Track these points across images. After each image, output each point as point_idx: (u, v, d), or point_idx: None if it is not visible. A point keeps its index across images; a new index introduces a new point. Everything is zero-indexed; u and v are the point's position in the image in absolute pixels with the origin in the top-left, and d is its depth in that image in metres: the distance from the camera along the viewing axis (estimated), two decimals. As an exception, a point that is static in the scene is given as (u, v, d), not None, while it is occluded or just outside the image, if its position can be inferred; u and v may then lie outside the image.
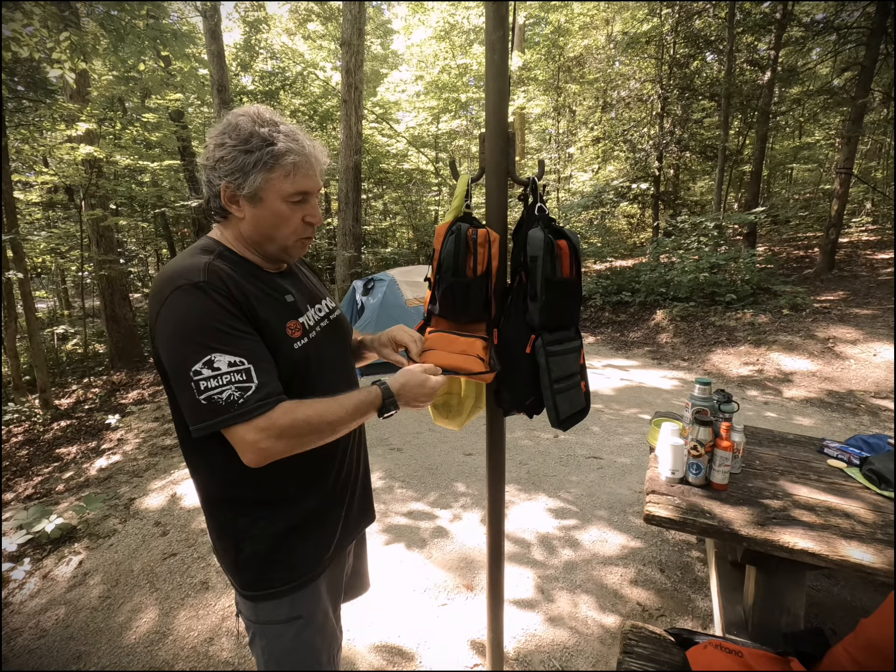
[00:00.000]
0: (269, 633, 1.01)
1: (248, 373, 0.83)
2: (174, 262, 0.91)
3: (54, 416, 5.08)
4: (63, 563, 2.56)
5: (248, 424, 0.82)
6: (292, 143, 0.90)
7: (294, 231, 0.96)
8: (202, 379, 0.81)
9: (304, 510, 1.01)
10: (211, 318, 0.83)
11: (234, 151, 0.89)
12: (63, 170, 7.01)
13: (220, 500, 0.98)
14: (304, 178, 0.93)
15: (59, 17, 4.85)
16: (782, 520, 1.48)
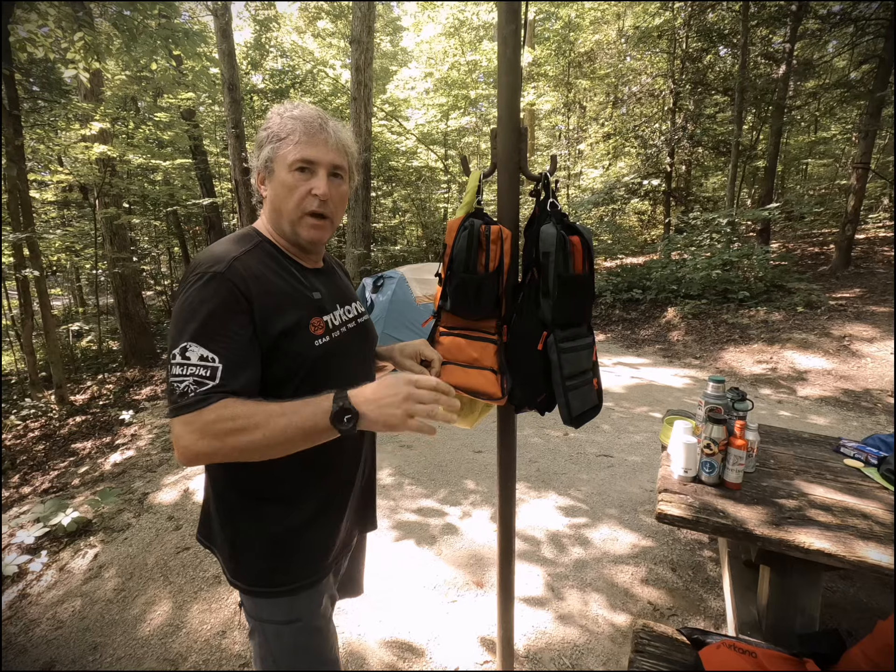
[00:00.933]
0: (268, 632, 1.00)
1: (214, 371, 0.80)
2: (213, 247, 0.93)
3: (70, 411, 5.17)
4: (79, 556, 2.61)
5: (181, 418, 0.78)
6: (298, 111, 0.94)
7: (299, 204, 0.93)
8: (174, 363, 0.80)
9: (305, 513, 0.99)
10: (205, 309, 0.82)
11: (262, 131, 0.97)
12: (77, 169, 7.10)
13: (228, 489, 0.98)
14: (308, 146, 0.92)
15: (73, 18, 4.91)
16: (798, 520, 1.46)
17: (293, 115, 0.94)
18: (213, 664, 1.87)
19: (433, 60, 13.39)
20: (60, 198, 9.79)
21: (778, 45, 9.43)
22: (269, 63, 12.87)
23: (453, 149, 14.63)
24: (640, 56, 11.59)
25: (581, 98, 13.72)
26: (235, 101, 8.92)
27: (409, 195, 13.96)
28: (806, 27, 8.54)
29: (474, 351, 1.21)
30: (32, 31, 4.81)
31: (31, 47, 4.96)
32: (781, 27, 8.75)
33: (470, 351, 1.21)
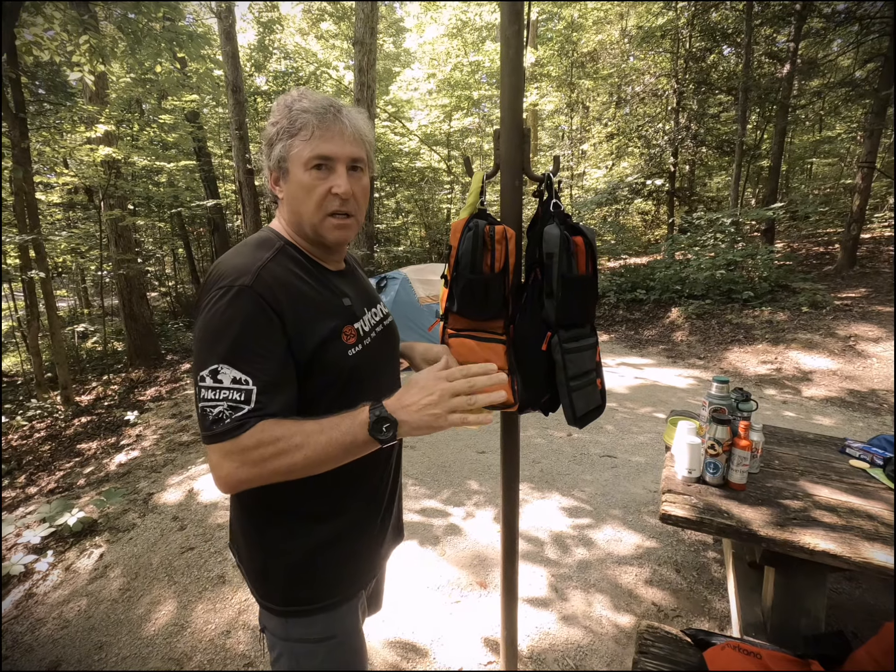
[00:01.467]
0: (299, 652, 0.94)
1: (249, 395, 0.75)
2: (233, 256, 0.85)
3: (75, 412, 5.20)
4: (84, 556, 2.62)
5: (217, 446, 0.74)
6: (314, 108, 0.84)
7: (318, 204, 0.86)
8: (204, 387, 0.76)
9: (342, 527, 0.95)
10: (236, 327, 0.77)
11: (269, 126, 0.88)
12: (83, 171, 7.16)
13: (256, 504, 0.92)
14: (324, 140, 0.84)
15: (78, 21, 4.94)
16: (802, 520, 1.45)
17: (303, 106, 0.84)
18: (217, 664, 1.88)
19: (436, 61, 13.40)
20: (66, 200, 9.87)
21: (782, 44, 9.40)
22: (272, 65, 12.91)
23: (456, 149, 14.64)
24: (643, 56, 11.56)
25: (584, 98, 13.71)
26: (239, 102, 8.96)
27: (412, 196, 13.99)
28: (810, 26, 8.50)
29: (485, 353, 1.21)
30: (38, 35, 4.84)
31: (37, 50, 5.00)
32: (786, 26, 8.71)
33: (480, 352, 1.21)
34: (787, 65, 8.43)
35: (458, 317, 1.25)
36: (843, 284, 7.28)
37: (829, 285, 7.10)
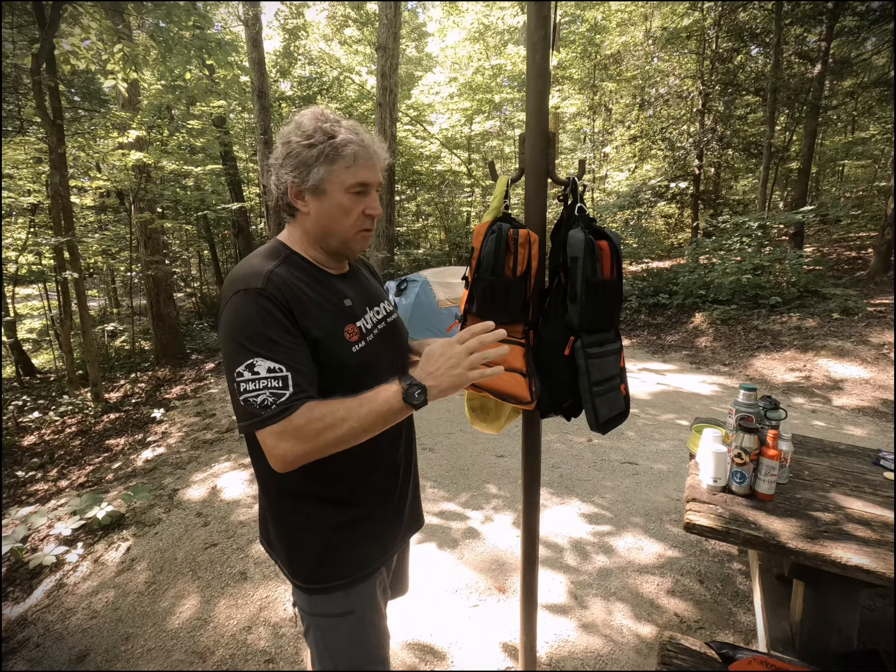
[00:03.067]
0: (322, 626, 1.04)
1: (286, 380, 0.84)
2: (242, 266, 0.94)
3: (104, 408, 5.35)
4: (112, 549, 2.70)
5: (270, 429, 0.83)
6: (352, 135, 0.94)
7: (354, 224, 0.97)
8: (243, 381, 0.84)
9: (359, 509, 1.03)
10: (259, 324, 0.86)
11: (299, 147, 0.93)
12: (115, 175, 7.37)
13: (279, 493, 1.01)
14: (364, 169, 0.95)
15: (113, 31, 5.12)
16: (834, 534, 1.41)
17: (347, 137, 0.93)
18: (238, 659, 1.91)
19: (458, 65, 13.46)
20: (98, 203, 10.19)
21: (813, 43, 9.15)
22: (297, 70, 13.14)
23: (477, 152, 14.65)
24: (667, 57, 11.40)
25: (607, 101, 13.57)
26: (265, 108, 9.14)
27: (432, 199, 14.04)
28: (843, 24, 8.26)
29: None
30: (76, 45, 5.03)
31: (74, 60, 5.19)
32: (817, 25, 8.49)
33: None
34: (818, 64, 8.20)
35: (476, 318, 1.25)
36: (877, 290, 7.03)
37: (862, 291, 6.86)
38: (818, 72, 8.18)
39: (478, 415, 1.35)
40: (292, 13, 12.56)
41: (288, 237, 1.02)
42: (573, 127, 16.07)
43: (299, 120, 0.96)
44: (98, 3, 5.41)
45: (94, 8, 5.45)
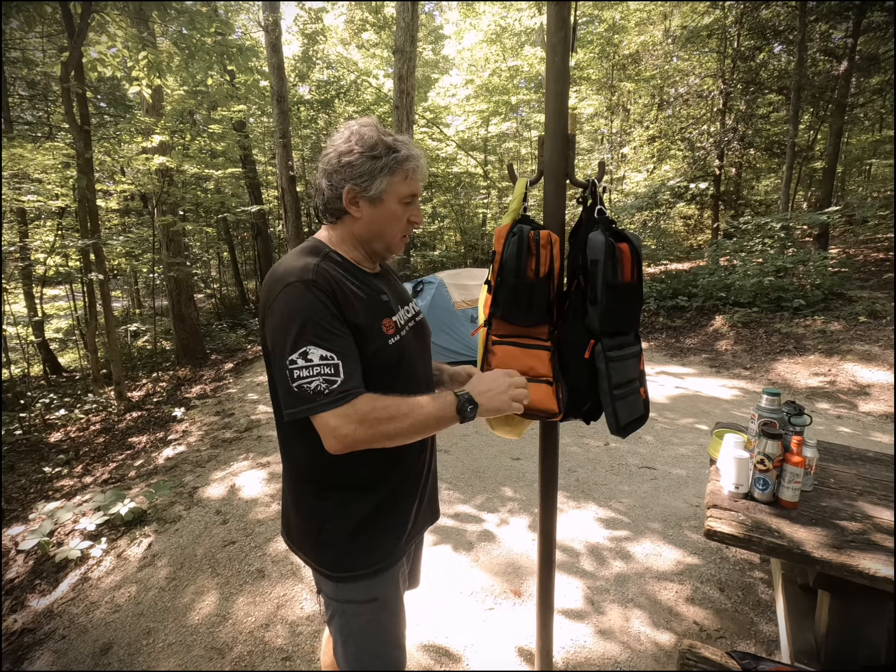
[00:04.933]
0: (348, 612, 1.08)
1: (337, 368, 0.90)
2: (286, 262, 1.00)
3: (127, 407, 5.48)
4: (134, 544, 2.76)
5: (331, 412, 0.88)
6: (410, 150, 1.02)
7: (401, 230, 1.06)
8: (296, 368, 0.89)
9: (384, 499, 1.07)
10: (312, 313, 0.91)
11: (363, 157, 0.99)
12: (139, 179, 7.56)
13: (308, 483, 1.06)
14: (416, 181, 1.04)
15: (138, 39, 5.25)
16: (861, 543, 1.37)
17: (408, 153, 1.01)
18: (256, 656, 1.94)
19: (474, 67, 13.47)
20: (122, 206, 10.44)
21: (839, 40, 8.93)
22: (315, 75, 13.29)
23: (493, 154, 14.63)
24: (687, 56, 11.24)
25: (625, 101, 13.43)
26: (283, 112, 9.27)
27: (448, 201, 14.06)
28: (871, 20, 8.05)
29: (529, 360, 1.21)
30: (103, 52, 5.17)
31: (101, 67, 5.34)
32: (843, 21, 8.28)
33: (525, 360, 1.21)
34: (844, 61, 8.00)
35: (502, 322, 1.25)
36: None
37: (890, 294, 6.67)
38: (844, 69, 7.98)
39: (500, 420, 1.35)
40: (311, 18, 12.72)
41: (327, 238, 1.07)
42: (590, 128, 15.93)
43: (359, 131, 1.01)
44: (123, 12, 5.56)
45: (120, 16, 5.59)
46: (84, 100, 5.18)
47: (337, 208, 1.03)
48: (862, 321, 5.83)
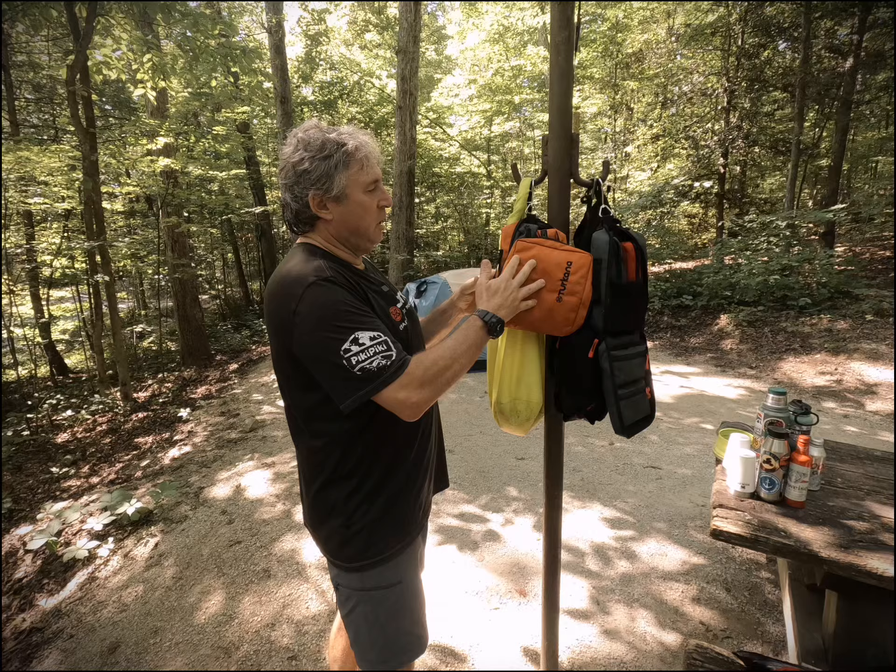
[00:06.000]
0: (374, 599, 1.11)
1: (386, 343, 0.94)
2: (294, 266, 1.00)
3: (133, 407, 5.51)
4: (141, 544, 2.77)
5: (395, 384, 0.92)
6: (357, 139, 1.03)
7: (374, 217, 1.08)
8: (352, 355, 0.91)
9: (400, 479, 1.10)
10: (347, 304, 0.95)
11: (315, 161, 0.99)
12: (144, 181, 7.60)
13: (333, 480, 1.07)
14: (373, 167, 1.05)
15: (142, 41, 5.28)
16: (869, 543, 1.36)
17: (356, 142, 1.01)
18: (262, 655, 1.95)
19: (477, 67, 13.47)
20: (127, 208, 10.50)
21: (844, 36, 8.87)
22: (318, 76, 13.33)
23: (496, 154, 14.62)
24: (691, 54, 11.20)
25: (628, 100, 13.40)
26: (287, 113, 9.31)
27: (451, 201, 14.07)
28: (876, 16, 7.99)
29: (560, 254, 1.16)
30: (108, 55, 5.20)
31: (106, 70, 5.37)
32: (848, 18, 8.22)
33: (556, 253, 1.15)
34: (849, 58, 7.95)
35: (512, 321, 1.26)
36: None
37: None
38: (850, 66, 7.93)
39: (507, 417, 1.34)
40: (314, 19, 12.76)
41: (314, 239, 1.08)
42: (594, 127, 15.91)
43: (303, 136, 1.01)
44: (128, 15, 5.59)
45: (124, 19, 5.63)
46: (89, 102, 5.22)
47: (308, 217, 1.05)
48: (868, 319, 5.79)
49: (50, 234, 8.30)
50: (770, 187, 13.28)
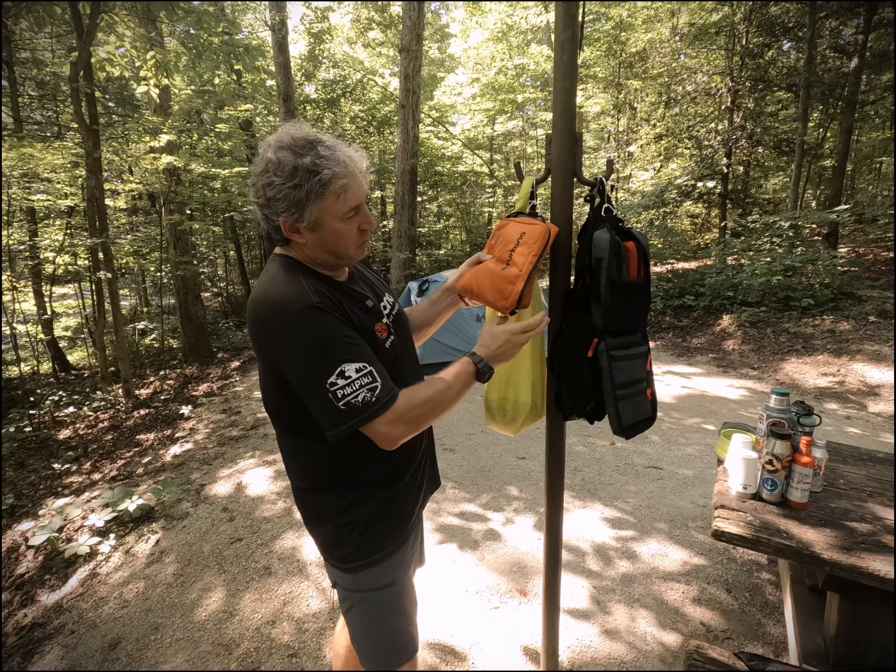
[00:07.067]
0: (368, 600, 1.12)
1: (372, 374, 0.93)
2: (276, 288, 0.95)
3: (135, 404, 5.52)
4: (142, 541, 2.78)
5: (381, 419, 0.92)
6: (335, 165, 0.92)
7: (353, 242, 1.01)
8: (338, 389, 0.89)
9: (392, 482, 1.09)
10: (333, 333, 0.92)
11: (285, 189, 0.91)
12: (146, 178, 7.60)
13: (321, 487, 1.07)
14: (353, 194, 0.96)
15: (146, 38, 5.28)
16: (872, 545, 1.35)
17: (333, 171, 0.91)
18: (263, 652, 1.95)
19: (480, 66, 13.44)
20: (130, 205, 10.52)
21: (849, 36, 8.84)
22: (321, 74, 13.32)
23: (499, 153, 14.60)
24: (695, 54, 11.15)
25: (632, 99, 13.36)
26: (290, 111, 9.30)
27: (453, 200, 14.06)
28: (882, 16, 7.95)
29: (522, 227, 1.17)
30: (111, 52, 5.20)
31: (109, 67, 5.37)
32: (853, 17, 8.18)
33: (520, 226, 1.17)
34: (854, 58, 7.91)
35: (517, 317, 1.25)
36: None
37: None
38: (855, 66, 7.89)
39: (494, 416, 1.36)
40: (317, 17, 12.74)
41: (292, 252, 1.03)
42: (597, 126, 15.87)
43: (275, 158, 0.91)
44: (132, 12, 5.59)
45: (128, 16, 5.63)
46: (93, 100, 5.21)
47: (281, 237, 0.99)
48: (871, 321, 5.78)
49: (53, 230, 8.31)
50: (773, 188, 13.24)
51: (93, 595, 2.37)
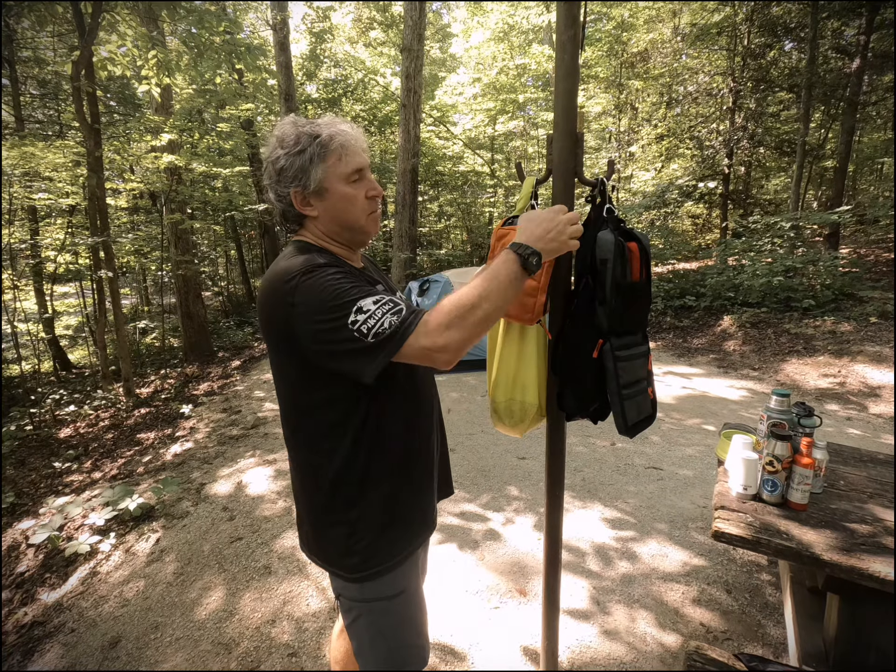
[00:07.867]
0: (376, 610, 1.08)
1: (392, 301, 0.89)
2: (286, 261, 0.96)
3: (135, 403, 5.52)
4: (143, 540, 2.78)
5: (414, 335, 0.86)
6: (333, 128, 0.98)
7: (363, 209, 1.02)
8: (361, 324, 0.86)
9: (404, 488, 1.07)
10: (341, 280, 0.90)
11: (290, 157, 0.97)
12: (148, 177, 7.60)
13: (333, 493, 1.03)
14: (354, 155, 0.99)
15: (148, 38, 5.28)
16: (872, 547, 1.35)
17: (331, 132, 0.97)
18: (262, 651, 1.95)
19: (482, 65, 13.44)
20: (131, 204, 10.52)
21: (851, 37, 8.83)
22: (322, 73, 13.32)
23: (500, 153, 14.60)
24: (696, 54, 11.15)
25: (633, 99, 13.35)
26: (291, 110, 9.30)
27: (454, 200, 14.05)
28: (884, 17, 7.94)
29: None
30: (113, 51, 5.21)
31: (111, 66, 5.37)
32: (856, 18, 8.17)
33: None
34: (856, 59, 7.90)
35: None
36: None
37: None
38: (857, 66, 7.88)
39: (502, 417, 1.35)
40: (319, 17, 12.75)
41: (308, 237, 1.05)
42: (598, 126, 15.86)
43: (278, 134, 0.99)
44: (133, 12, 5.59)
45: (130, 16, 5.63)
46: (94, 98, 5.22)
47: (295, 215, 1.02)
48: (873, 322, 5.77)
49: (54, 229, 8.33)
50: (775, 188, 13.23)
51: (93, 594, 2.37)
